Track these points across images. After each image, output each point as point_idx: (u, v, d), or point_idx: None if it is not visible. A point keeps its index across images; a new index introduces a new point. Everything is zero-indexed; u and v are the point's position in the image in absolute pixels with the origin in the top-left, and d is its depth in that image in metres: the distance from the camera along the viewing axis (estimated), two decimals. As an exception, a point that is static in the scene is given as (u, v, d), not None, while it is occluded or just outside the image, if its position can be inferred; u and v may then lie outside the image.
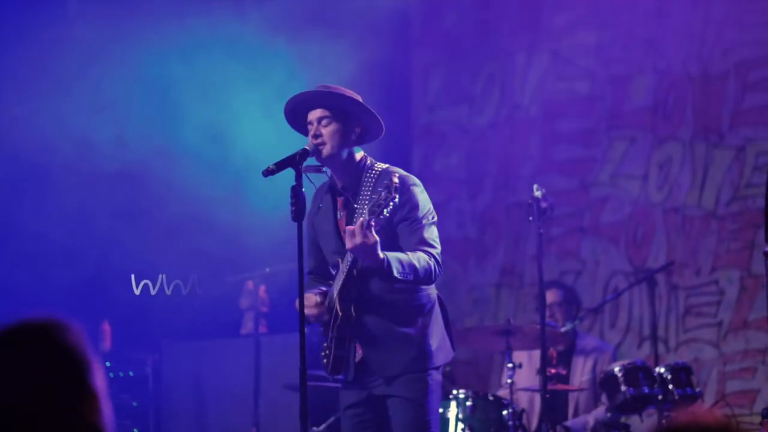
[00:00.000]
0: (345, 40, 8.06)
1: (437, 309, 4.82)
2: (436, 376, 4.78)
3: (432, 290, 4.81)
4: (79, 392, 2.10)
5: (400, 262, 4.53)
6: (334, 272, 4.79)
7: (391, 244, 4.65)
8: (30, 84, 7.67)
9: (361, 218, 4.41)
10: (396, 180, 4.33)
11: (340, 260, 4.71)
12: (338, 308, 4.67)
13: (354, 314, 4.68)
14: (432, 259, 4.63)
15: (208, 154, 7.74)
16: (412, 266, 4.55)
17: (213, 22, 7.93)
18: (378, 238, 4.41)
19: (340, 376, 4.80)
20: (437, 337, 4.78)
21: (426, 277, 4.62)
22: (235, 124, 7.84)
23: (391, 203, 4.33)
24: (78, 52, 7.69)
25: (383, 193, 4.34)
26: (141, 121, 7.79)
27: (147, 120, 7.80)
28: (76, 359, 2.11)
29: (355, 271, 4.63)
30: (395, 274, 4.50)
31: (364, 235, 4.38)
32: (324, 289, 4.83)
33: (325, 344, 4.77)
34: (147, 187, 7.75)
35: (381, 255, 4.45)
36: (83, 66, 7.70)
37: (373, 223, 4.39)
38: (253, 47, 7.93)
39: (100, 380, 2.14)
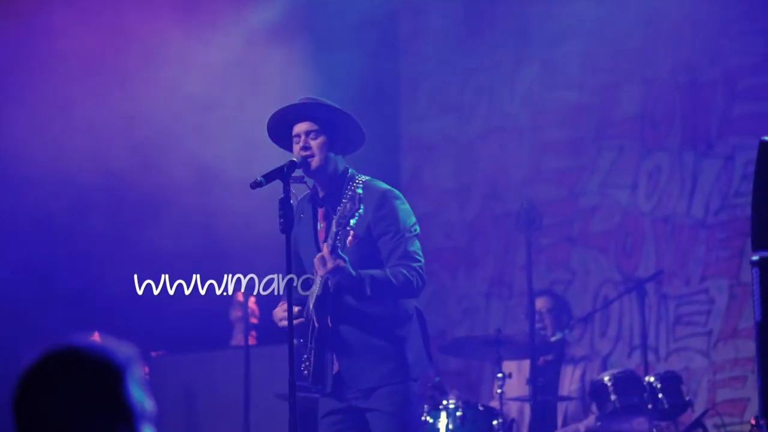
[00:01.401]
0: (333, 50, 8.05)
1: (415, 321, 4.79)
2: (414, 388, 4.76)
3: (410, 302, 4.77)
4: (115, 414, 2.13)
5: (375, 280, 4.53)
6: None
7: (374, 259, 4.65)
8: (34, 99, 7.67)
9: (326, 245, 4.43)
10: (359, 191, 4.37)
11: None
12: (314, 320, 4.66)
13: (330, 326, 4.66)
14: (413, 272, 4.60)
15: (211, 161, 7.74)
16: (387, 283, 4.55)
17: (211, 31, 7.94)
18: (347, 259, 4.44)
19: (321, 387, 4.79)
20: (414, 349, 4.75)
21: (405, 292, 4.61)
22: (233, 131, 7.83)
23: (357, 214, 4.36)
24: (82, 64, 7.70)
25: (348, 205, 4.38)
26: (144, 129, 7.79)
27: (150, 129, 7.80)
28: (112, 388, 2.14)
29: (330, 287, 4.60)
30: (368, 293, 4.52)
31: (334, 259, 4.41)
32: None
33: (304, 356, 4.75)
34: (146, 193, 7.76)
35: (354, 274, 4.48)
36: (90, 78, 7.71)
37: (352, 242, 4.36)
38: (243, 58, 7.93)
39: (138, 404, 2.17)
